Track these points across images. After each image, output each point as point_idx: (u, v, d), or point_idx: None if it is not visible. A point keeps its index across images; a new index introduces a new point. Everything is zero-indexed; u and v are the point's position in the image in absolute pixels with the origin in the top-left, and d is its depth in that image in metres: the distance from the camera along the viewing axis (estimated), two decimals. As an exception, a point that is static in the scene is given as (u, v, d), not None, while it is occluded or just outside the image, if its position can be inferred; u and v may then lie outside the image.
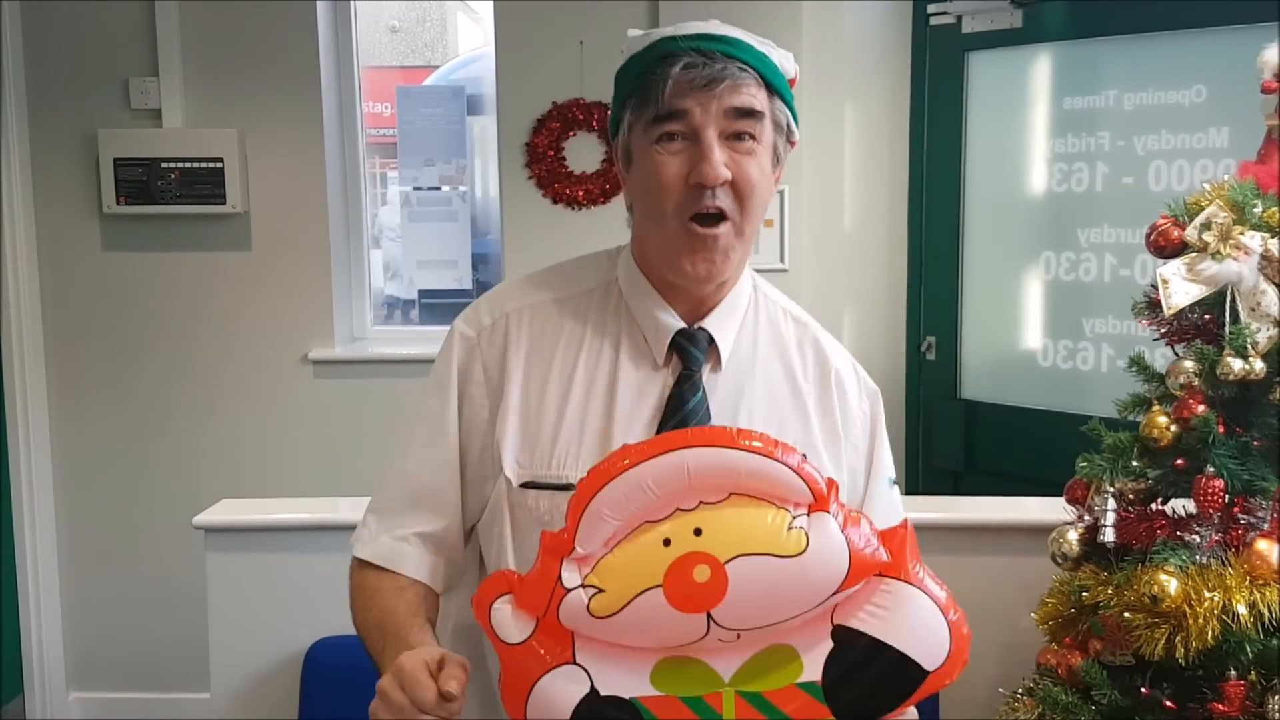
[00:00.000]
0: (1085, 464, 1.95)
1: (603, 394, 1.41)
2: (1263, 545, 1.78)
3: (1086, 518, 1.96)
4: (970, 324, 3.60)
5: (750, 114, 1.33)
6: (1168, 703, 1.80)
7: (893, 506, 1.48)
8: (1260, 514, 1.82)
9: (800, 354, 1.47)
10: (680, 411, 1.39)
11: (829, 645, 1.16)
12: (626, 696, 1.15)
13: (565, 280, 1.50)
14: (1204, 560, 1.80)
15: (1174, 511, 1.90)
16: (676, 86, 1.31)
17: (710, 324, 1.43)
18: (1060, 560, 1.98)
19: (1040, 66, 3.41)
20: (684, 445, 1.16)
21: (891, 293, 3.72)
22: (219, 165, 3.71)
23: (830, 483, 1.17)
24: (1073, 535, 1.96)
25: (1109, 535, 1.90)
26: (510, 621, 1.17)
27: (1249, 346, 1.82)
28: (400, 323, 4.92)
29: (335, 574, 2.56)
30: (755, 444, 1.15)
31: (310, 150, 3.81)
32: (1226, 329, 1.84)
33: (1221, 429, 1.83)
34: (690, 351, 1.40)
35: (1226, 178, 1.96)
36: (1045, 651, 2.02)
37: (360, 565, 1.50)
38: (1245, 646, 1.75)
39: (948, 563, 2.39)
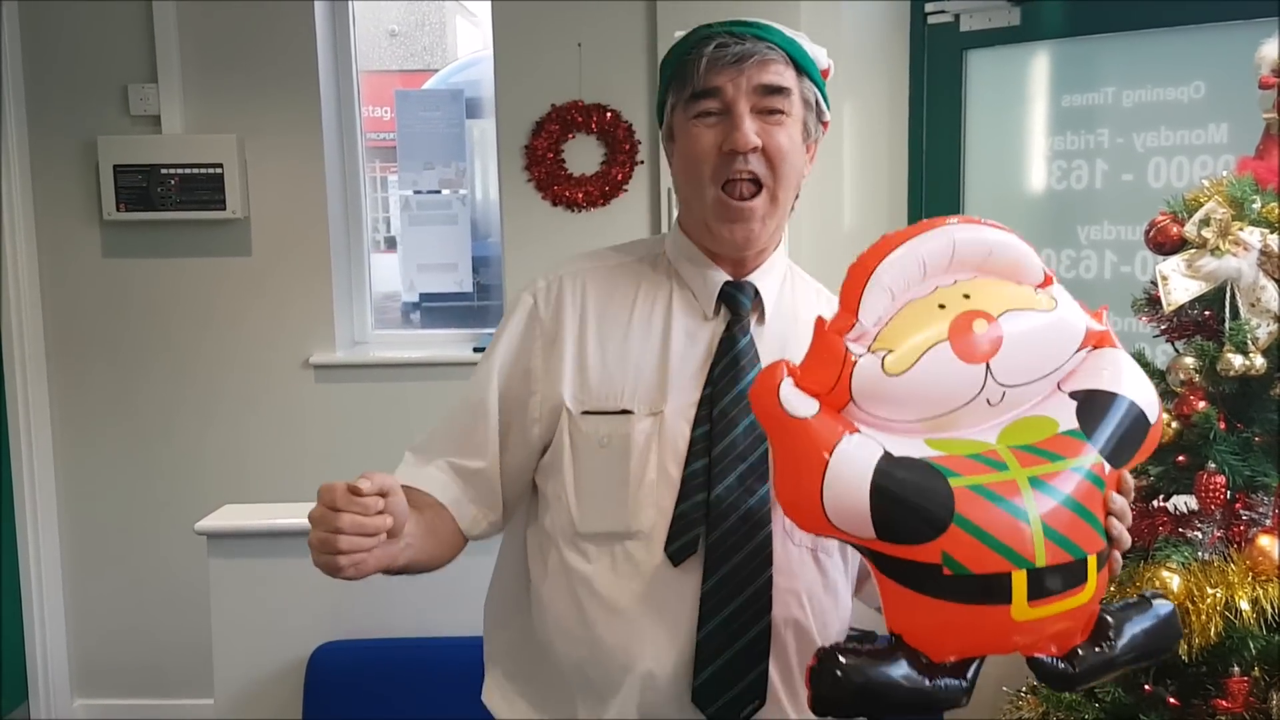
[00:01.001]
0: (1087, 461, 1.94)
1: (658, 339, 1.52)
2: (1265, 541, 1.77)
3: (1088, 515, 1.96)
4: (971, 322, 3.59)
5: (778, 90, 1.45)
6: (1171, 699, 1.80)
7: None
8: (1262, 510, 1.81)
9: None
10: (731, 351, 1.50)
11: (1070, 403, 1.28)
12: (916, 456, 1.20)
13: (617, 252, 1.64)
14: (1206, 556, 1.80)
15: (1176, 508, 1.90)
16: (709, 64, 1.43)
17: (758, 279, 1.56)
18: (1062, 558, 1.98)
19: (1039, 64, 3.41)
20: (945, 223, 1.29)
21: (892, 292, 3.72)
22: (219, 171, 3.72)
23: (1050, 270, 1.34)
24: (1075, 533, 1.96)
25: (1111, 532, 1.89)
26: (798, 398, 1.22)
27: (1249, 342, 1.81)
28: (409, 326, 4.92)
29: (338, 579, 2.57)
30: (1000, 227, 1.31)
31: (310, 155, 3.81)
32: (1226, 325, 1.84)
33: (1223, 425, 1.83)
34: (738, 299, 1.52)
35: (1225, 173, 1.96)
36: (1048, 649, 2.01)
37: None
38: (1248, 643, 1.74)
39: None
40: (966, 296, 1.26)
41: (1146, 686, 1.82)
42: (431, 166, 4.36)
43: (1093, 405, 1.27)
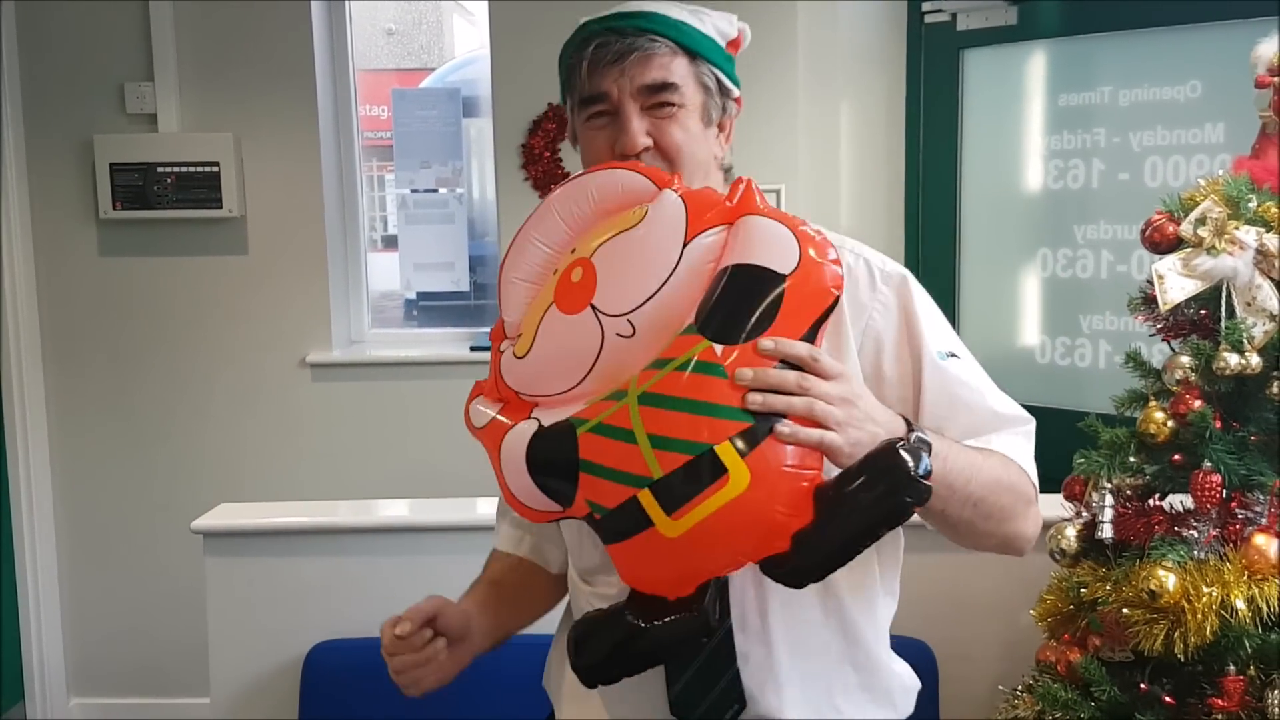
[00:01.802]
0: (1083, 460, 1.95)
1: None
2: (1260, 540, 1.78)
3: (1085, 514, 1.96)
4: (967, 321, 3.60)
5: (664, 86, 1.38)
6: (1167, 698, 1.80)
7: (956, 379, 1.42)
8: (1258, 509, 1.81)
9: None
10: None
11: None
12: (563, 420, 1.21)
13: None
14: (1202, 555, 1.80)
15: (1172, 507, 1.90)
16: (591, 68, 1.38)
17: None
18: (1059, 557, 1.98)
19: (1035, 63, 3.41)
20: (551, 193, 1.31)
21: (889, 291, 3.72)
22: (215, 169, 3.71)
23: (677, 173, 1.31)
24: (1071, 532, 1.96)
25: (1107, 531, 1.90)
26: (480, 410, 1.29)
27: (1245, 341, 1.82)
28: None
29: (334, 577, 2.57)
30: (601, 164, 1.31)
31: (306, 154, 3.81)
32: (1222, 324, 1.84)
33: (1218, 424, 1.83)
34: None
35: (1221, 173, 1.97)
36: (1044, 648, 2.02)
37: None
38: (1244, 641, 1.74)
39: (946, 560, 2.40)
40: (573, 251, 1.26)
41: (1142, 685, 1.82)
42: (428, 165, 4.36)
43: (712, 289, 1.18)
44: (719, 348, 1.14)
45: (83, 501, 3.93)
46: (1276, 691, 1.73)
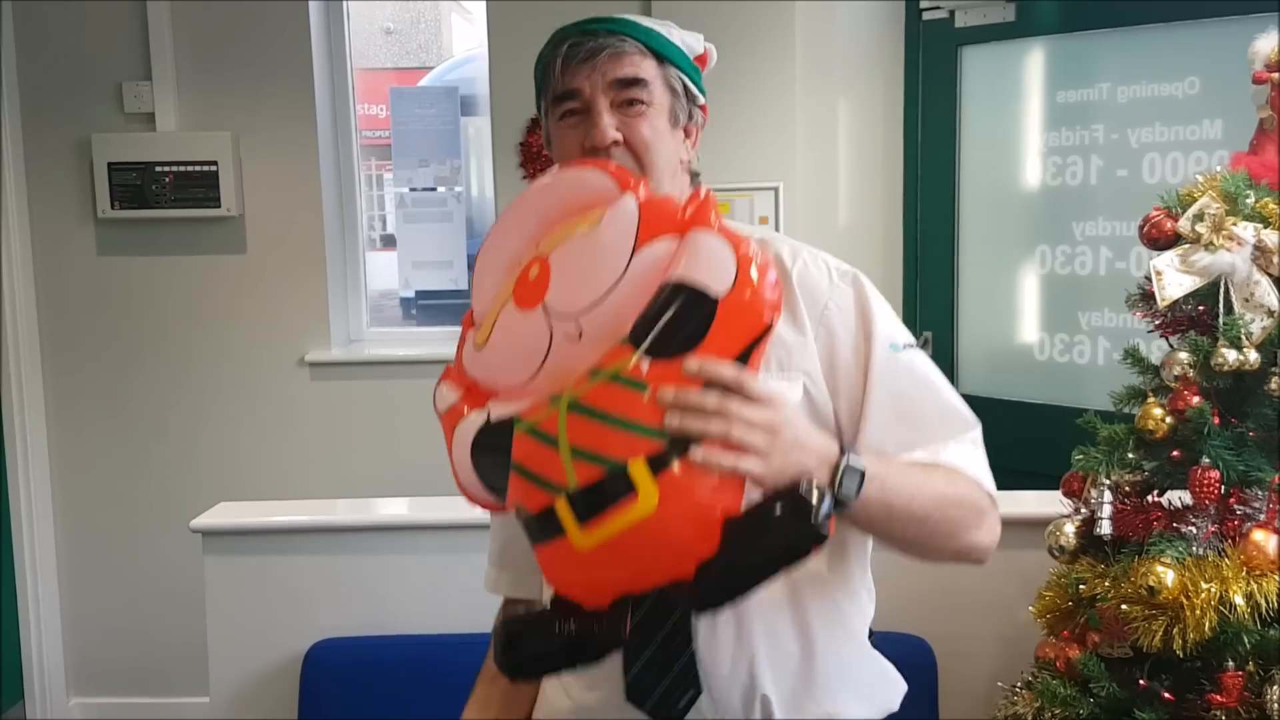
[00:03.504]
0: (1081, 457, 1.95)
1: None
2: (1259, 536, 1.78)
3: (1083, 510, 1.97)
4: (966, 318, 3.60)
5: (634, 82, 1.41)
6: (1166, 694, 1.80)
7: (906, 372, 1.42)
8: (1256, 505, 1.82)
9: None
10: None
11: None
12: (508, 416, 1.21)
13: None
14: (1201, 551, 1.81)
15: (1170, 503, 1.91)
16: (564, 65, 1.41)
17: None
18: (1057, 553, 1.98)
19: (1033, 60, 3.41)
20: (526, 192, 1.32)
21: (887, 288, 3.69)
22: (213, 169, 3.71)
23: (644, 177, 1.32)
24: (1069, 528, 1.96)
25: (1106, 528, 1.90)
26: (443, 394, 1.29)
27: (1243, 337, 1.82)
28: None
29: (333, 576, 2.57)
30: (573, 163, 1.33)
31: (304, 153, 3.81)
32: (1220, 320, 1.85)
33: (1217, 420, 1.83)
34: None
35: (1219, 169, 1.97)
36: (1043, 644, 2.02)
37: None
38: (1243, 637, 1.75)
39: (945, 557, 2.39)
40: (537, 248, 1.27)
41: (1141, 681, 1.83)
42: (426, 164, 4.36)
43: (650, 304, 1.17)
44: (646, 363, 1.13)
45: (82, 501, 3.93)
46: (1275, 687, 1.73)
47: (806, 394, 1.37)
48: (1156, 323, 1.94)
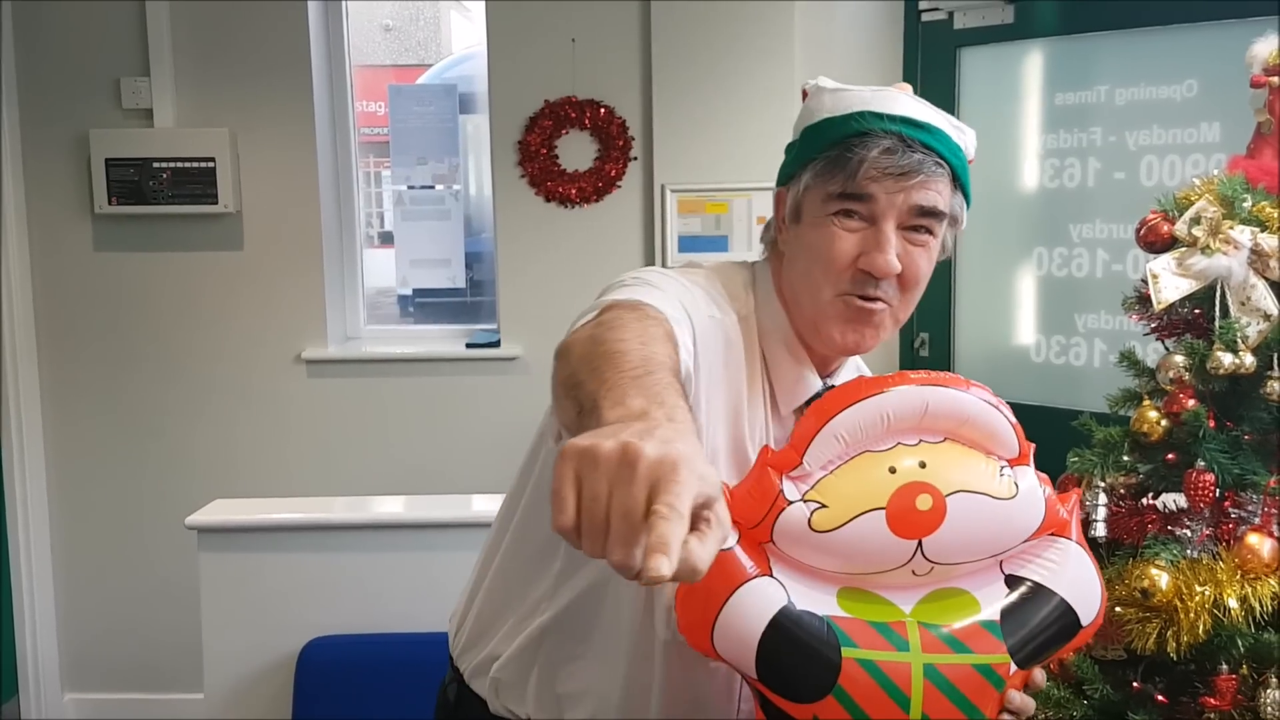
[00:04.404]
0: (1076, 459, 1.95)
1: (728, 427, 1.32)
2: (1254, 539, 1.78)
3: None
4: (964, 320, 3.60)
5: (934, 214, 1.31)
6: (1160, 697, 1.80)
7: None
8: (1251, 508, 1.82)
9: None
10: None
11: (1002, 589, 1.24)
12: (820, 614, 1.18)
13: (717, 298, 1.37)
14: (1195, 554, 1.81)
15: (1165, 506, 1.90)
16: (872, 170, 1.27)
17: (837, 379, 1.41)
18: (1052, 555, 1.98)
19: (1032, 62, 3.41)
20: (923, 383, 1.24)
21: (884, 289, 3.72)
22: (211, 165, 3.71)
23: (1029, 443, 1.28)
24: (1064, 530, 1.96)
25: (1100, 530, 1.90)
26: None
27: (1239, 340, 1.82)
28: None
29: (328, 574, 2.57)
30: (984, 392, 1.27)
31: (302, 149, 3.81)
32: (1216, 323, 1.84)
33: (1212, 423, 1.83)
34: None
35: (1216, 172, 1.96)
36: (1038, 646, 2.02)
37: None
38: (1237, 640, 1.75)
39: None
40: (923, 465, 1.21)
41: (1135, 684, 1.83)
42: (424, 162, 4.36)
43: (1021, 601, 1.23)
44: (1014, 667, 1.20)
45: (77, 496, 3.93)
46: (1269, 691, 1.73)
47: None
48: (1152, 325, 1.94)
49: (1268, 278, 1.84)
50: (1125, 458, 1.91)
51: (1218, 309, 1.85)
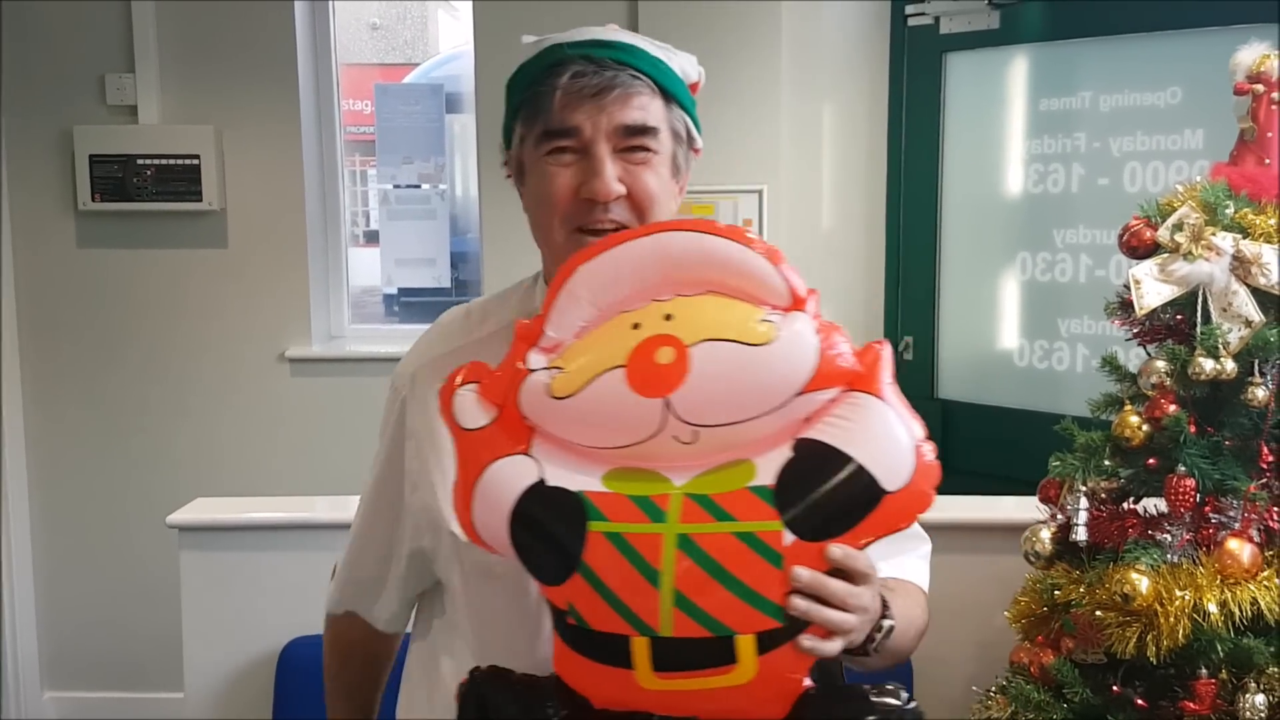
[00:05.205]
0: (1058, 463, 1.96)
1: None
2: (1233, 544, 1.79)
3: (1059, 517, 1.97)
4: (947, 324, 3.61)
5: (643, 131, 1.27)
6: (1139, 701, 1.81)
7: None
8: (1231, 513, 1.83)
9: None
10: None
11: (788, 455, 1.08)
12: (574, 489, 1.10)
13: (471, 325, 1.45)
14: (1175, 559, 1.82)
15: (1146, 510, 1.92)
16: (565, 98, 1.26)
17: None
18: (1033, 559, 1.99)
19: (1017, 68, 3.42)
20: (665, 230, 1.14)
21: (869, 292, 3.73)
22: (195, 162, 3.69)
23: (814, 291, 1.12)
24: (1045, 534, 1.97)
25: (1081, 534, 1.91)
26: (471, 407, 1.15)
27: (1220, 346, 1.83)
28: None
29: (310, 573, 2.56)
30: (738, 235, 1.13)
31: (288, 147, 3.79)
32: (1198, 329, 1.85)
33: (1193, 428, 1.84)
34: None
35: (1199, 179, 1.98)
36: (1018, 650, 2.03)
37: None
38: (1216, 645, 1.76)
39: (922, 561, 2.38)
40: (668, 317, 1.10)
41: (1115, 688, 1.83)
42: (410, 161, 4.36)
43: (801, 463, 1.08)
44: (789, 537, 1.06)
45: (58, 495, 3.91)
46: (1248, 695, 1.75)
47: None
48: (1135, 331, 1.95)
49: (1249, 284, 1.85)
50: (1107, 462, 1.92)
51: (1199, 315, 1.86)
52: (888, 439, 1.08)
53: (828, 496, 1.07)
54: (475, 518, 1.14)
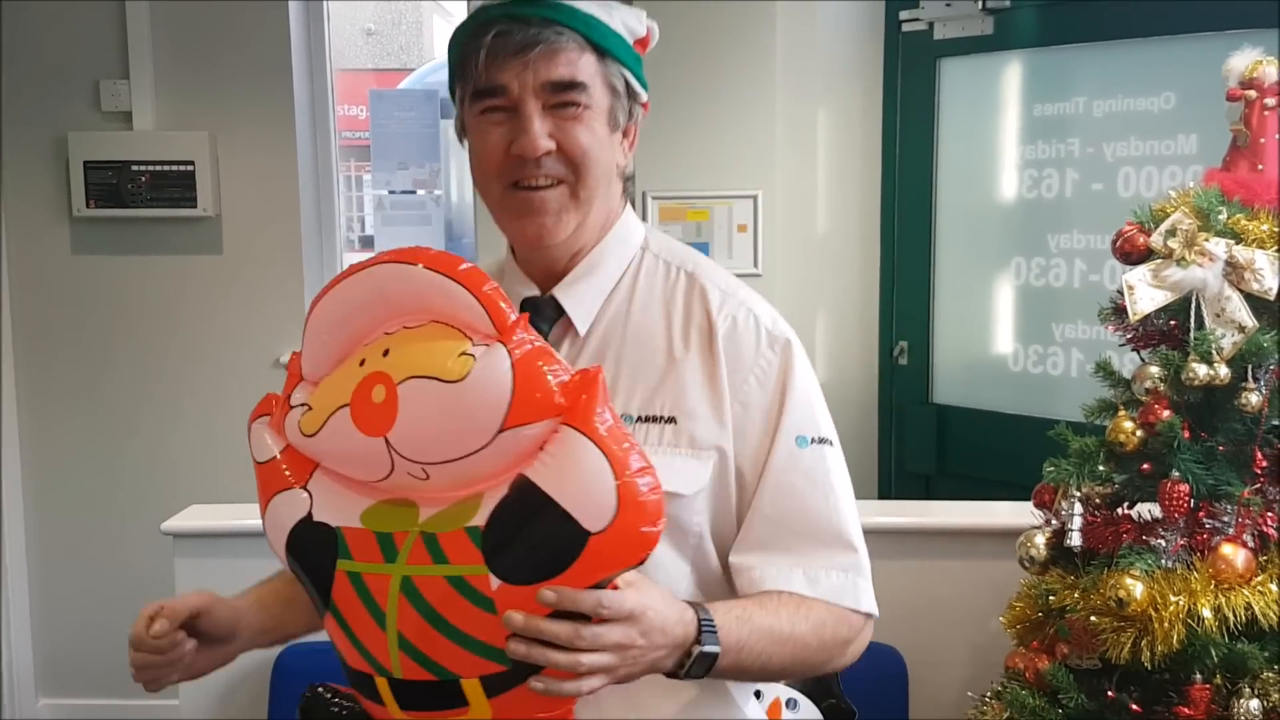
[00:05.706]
0: (1052, 468, 1.96)
1: None
2: (1227, 549, 1.79)
3: (1054, 522, 1.98)
4: (942, 329, 3.61)
5: (571, 86, 1.27)
6: (1134, 706, 1.81)
7: (805, 471, 1.31)
8: (1225, 518, 1.83)
9: (686, 313, 1.34)
10: None
11: (503, 493, 1.06)
12: (333, 525, 1.12)
13: None
14: (1169, 564, 1.82)
15: (1140, 516, 1.92)
16: (490, 57, 1.25)
17: (559, 291, 1.36)
18: (1028, 564, 1.99)
19: (1011, 73, 3.43)
20: (378, 263, 1.14)
21: (864, 297, 3.73)
22: (190, 168, 3.69)
23: (522, 317, 1.10)
24: (1040, 539, 1.97)
25: (1076, 539, 1.91)
26: (264, 440, 1.20)
27: (1214, 352, 1.83)
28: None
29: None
30: (442, 264, 1.11)
31: (282, 153, 3.79)
32: (1191, 335, 1.86)
33: (1187, 434, 1.85)
34: (534, 322, 1.19)
35: (1192, 185, 1.98)
36: (1013, 655, 2.03)
37: None
38: (1210, 650, 1.76)
39: (919, 566, 2.41)
40: (386, 354, 1.10)
41: (1110, 693, 1.83)
42: (405, 166, 4.36)
43: (509, 504, 1.05)
44: (495, 581, 1.03)
45: (53, 501, 3.90)
46: (1242, 700, 1.75)
47: (716, 471, 1.29)
48: (1128, 336, 1.96)
49: (1242, 289, 1.85)
50: (1101, 467, 1.92)
51: (1193, 321, 1.87)
52: (589, 476, 1.03)
53: (527, 538, 1.04)
54: (270, 542, 1.19)
